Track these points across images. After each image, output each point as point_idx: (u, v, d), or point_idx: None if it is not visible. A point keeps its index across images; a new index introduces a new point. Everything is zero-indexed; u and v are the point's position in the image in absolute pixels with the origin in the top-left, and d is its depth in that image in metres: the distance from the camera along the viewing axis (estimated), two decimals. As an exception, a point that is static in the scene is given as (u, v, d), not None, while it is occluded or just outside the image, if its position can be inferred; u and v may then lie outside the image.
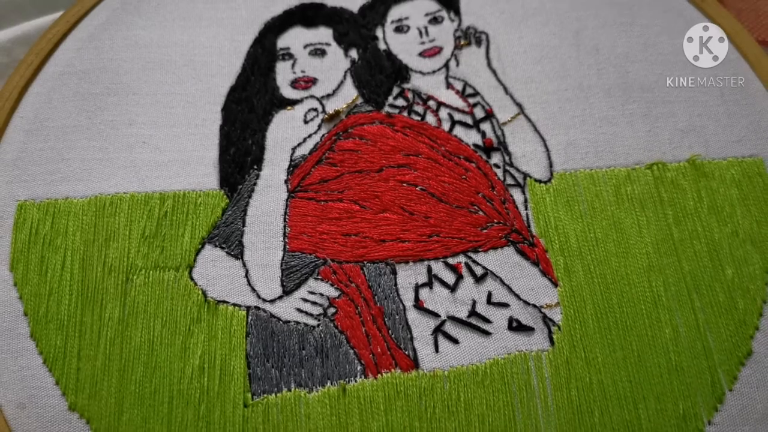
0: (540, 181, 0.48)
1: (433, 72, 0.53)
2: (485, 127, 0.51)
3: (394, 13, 0.56)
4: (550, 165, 0.48)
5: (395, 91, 0.52)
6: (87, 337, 0.43)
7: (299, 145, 0.50)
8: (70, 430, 0.40)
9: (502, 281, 0.45)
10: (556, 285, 0.44)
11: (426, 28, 0.55)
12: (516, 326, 0.43)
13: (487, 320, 0.43)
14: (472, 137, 0.50)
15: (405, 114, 0.51)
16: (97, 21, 0.55)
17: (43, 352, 0.42)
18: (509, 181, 0.48)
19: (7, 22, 0.60)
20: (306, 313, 0.44)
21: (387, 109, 0.51)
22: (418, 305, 0.44)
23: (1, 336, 0.43)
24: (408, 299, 0.44)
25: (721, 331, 0.43)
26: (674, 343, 0.42)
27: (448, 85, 0.52)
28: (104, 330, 0.43)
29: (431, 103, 0.51)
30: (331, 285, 0.45)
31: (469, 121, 0.51)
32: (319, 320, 0.44)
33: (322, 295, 0.44)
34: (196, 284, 0.44)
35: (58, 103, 0.51)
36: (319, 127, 0.51)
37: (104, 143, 0.50)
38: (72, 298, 0.44)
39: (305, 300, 0.44)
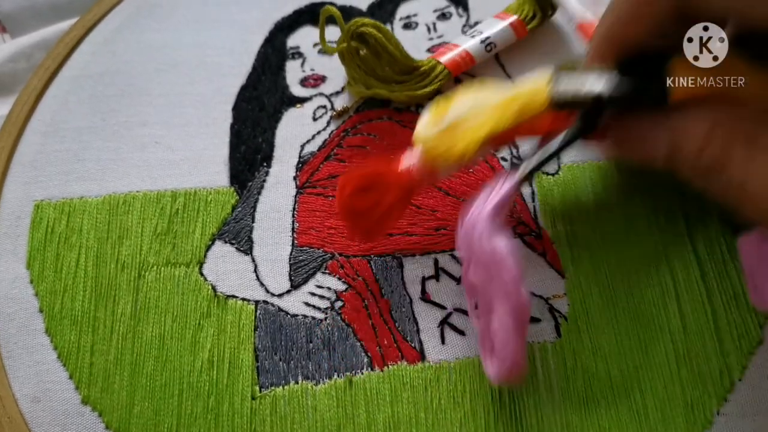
0: (547, 173, 0.48)
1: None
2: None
3: (403, 10, 0.57)
4: (558, 157, 0.48)
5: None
6: (100, 333, 0.43)
7: (308, 142, 0.50)
8: (83, 423, 0.41)
9: (508, 273, 0.44)
10: (563, 276, 0.44)
11: (434, 24, 0.56)
12: (522, 317, 0.43)
13: (494, 312, 0.43)
14: (480, 131, 0.50)
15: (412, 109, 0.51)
16: (112, 25, 0.57)
17: (58, 347, 0.43)
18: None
19: (28, 28, 0.62)
20: (313, 306, 0.44)
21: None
22: (425, 298, 0.44)
23: (18, 332, 0.44)
24: (415, 292, 0.44)
25: (731, 319, 0.42)
26: (682, 332, 0.42)
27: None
28: (116, 325, 0.44)
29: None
30: (339, 279, 0.45)
31: (477, 114, 0.51)
32: (326, 313, 0.44)
33: (329, 288, 0.45)
34: (206, 279, 0.45)
35: (74, 106, 0.52)
36: (328, 123, 0.51)
37: (118, 144, 0.51)
38: (86, 294, 0.45)
39: (313, 294, 0.45)
